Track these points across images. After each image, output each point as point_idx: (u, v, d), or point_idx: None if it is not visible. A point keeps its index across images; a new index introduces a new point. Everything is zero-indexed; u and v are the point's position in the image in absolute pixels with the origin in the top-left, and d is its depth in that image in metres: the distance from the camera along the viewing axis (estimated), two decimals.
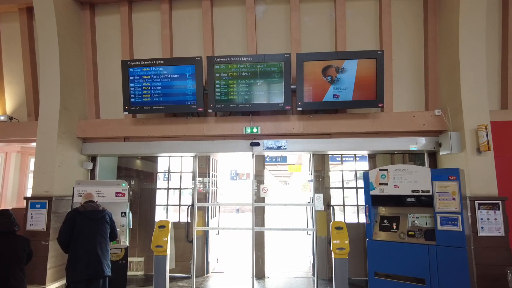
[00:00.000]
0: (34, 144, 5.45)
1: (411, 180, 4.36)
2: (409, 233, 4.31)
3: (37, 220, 4.97)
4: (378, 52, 5.02)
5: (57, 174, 5.20)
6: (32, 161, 7.60)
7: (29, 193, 6.31)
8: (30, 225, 4.95)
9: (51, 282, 4.87)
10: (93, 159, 6.02)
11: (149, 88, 5.29)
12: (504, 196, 4.42)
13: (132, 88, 5.34)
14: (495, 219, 4.33)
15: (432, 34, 5.32)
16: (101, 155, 5.96)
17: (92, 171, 5.99)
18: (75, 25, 5.74)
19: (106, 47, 6.01)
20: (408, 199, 4.37)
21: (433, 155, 5.46)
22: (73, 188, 4.90)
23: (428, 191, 4.22)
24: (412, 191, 4.33)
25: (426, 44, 5.39)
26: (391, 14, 5.40)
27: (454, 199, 4.02)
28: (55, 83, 5.32)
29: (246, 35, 5.62)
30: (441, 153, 5.07)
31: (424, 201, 4.25)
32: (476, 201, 4.40)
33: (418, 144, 5.26)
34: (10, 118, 6.00)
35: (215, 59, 5.19)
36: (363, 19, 5.56)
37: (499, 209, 4.35)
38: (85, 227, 3.82)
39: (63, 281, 4.93)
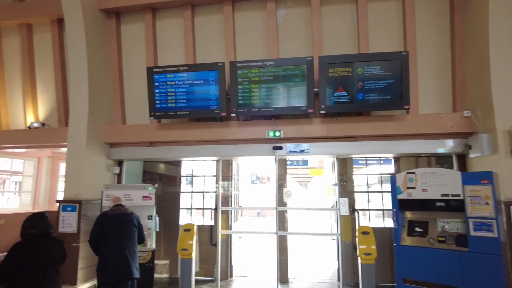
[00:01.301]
0: (64, 149, 5.67)
1: (440, 183, 4.23)
2: (439, 238, 4.18)
3: (68, 223, 5.15)
4: (403, 53, 4.92)
5: (86, 178, 5.38)
6: (62, 165, 7.92)
7: (59, 197, 6.56)
8: (62, 227, 5.14)
9: (82, 283, 5.02)
10: (120, 163, 6.19)
11: (173, 93, 5.41)
12: None
13: (157, 94, 5.47)
14: None
15: (459, 33, 5.16)
16: (128, 159, 6.13)
17: (119, 175, 6.17)
18: (102, 34, 5.95)
19: (131, 55, 6.19)
20: (437, 203, 4.24)
21: (462, 158, 5.28)
22: (102, 192, 5.06)
23: (458, 195, 4.08)
24: (442, 195, 4.20)
25: (452, 43, 5.23)
26: (415, 14, 5.28)
27: (487, 203, 3.87)
28: (84, 91, 5.52)
29: (268, 39, 5.64)
30: (471, 155, 4.89)
31: (454, 206, 4.11)
32: (511, 206, 4.21)
33: (446, 146, 5.10)
34: (43, 124, 6.27)
35: (237, 64, 5.24)
36: (385, 20, 5.46)
37: None
38: (114, 230, 3.93)
39: (93, 282, 5.09)
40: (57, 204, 5.29)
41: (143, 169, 6.78)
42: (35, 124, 6.22)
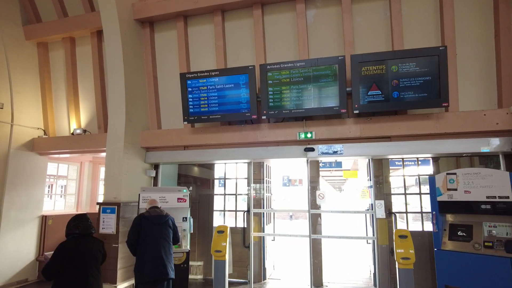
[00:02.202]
0: (103, 154, 5.96)
1: (485, 185, 3.97)
2: (486, 243, 3.91)
3: (108, 224, 5.40)
4: (440, 48, 4.69)
5: (124, 181, 5.62)
6: (102, 169, 8.33)
7: (100, 199, 6.91)
8: (102, 228, 5.39)
9: (121, 282, 5.24)
10: (156, 167, 6.41)
11: (206, 98, 5.52)
12: None
13: (190, 99, 5.61)
14: None
15: (504, 24, 4.81)
16: (163, 163, 6.33)
17: (155, 178, 6.38)
18: (137, 43, 6.22)
19: (165, 61, 6.41)
20: (482, 206, 3.98)
21: (510, 157, 4.92)
22: (139, 194, 5.25)
23: (507, 197, 3.80)
24: (487, 197, 3.94)
25: (497, 35, 4.90)
26: (454, 6, 5.02)
27: None
28: (121, 98, 5.79)
29: (298, 41, 5.61)
30: None
31: (502, 209, 3.84)
32: None
33: (491, 145, 4.78)
34: (84, 131, 6.65)
35: (268, 67, 5.26)
36: (421, 14, 5.23)
37: None
38: (150, 231, 4.06)
39: (131, 281, 5.29)
40: (98, 206, 5.56)
41: (178, 172, 6.97)
42: (78, 131, 6.61)
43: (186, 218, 5.11)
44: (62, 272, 3.28)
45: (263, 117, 5.32)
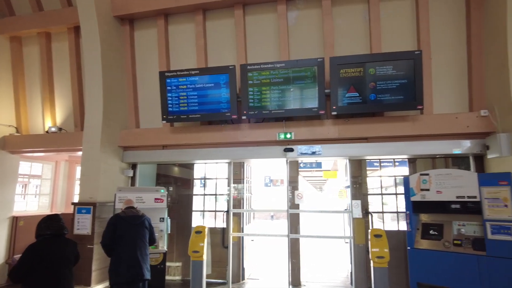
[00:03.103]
0: (80, 153, 5.81)
1: (455, 185, 4.11)
2: (455, 241, 4.05)
3: (83, 225, 5.27)
4: (416, 52, 4.83)
5: (101, 181, 5.50)
6: (78, 169, 8.11)
7: (76, 199, 6.72)
8: (77, 229, 5.25)
9: (96, 284, 5.12)
10: (134, 166, 6.30)
11: (185, 97, 5.47)
12: None
13: (169, 98, 5.55)
14: None
15: (476, 30, 5.01)
16: (141, 162, 6.23)
17: (133, 178, 6.27)
18: (116, 41, 6.10)
19: (145, 60, 6.31)
20: (453, 206, 4.12)
21: (479, 159, 5.11)
22: (115, 194, 5.14)
23: (475, 197, 3.95)
24: (457, 197, 4.08)
25: (469, 40, 5.09)
26: (429, 12, 5.18)
27: (506, 206, 3.73)
28: (98, 96, 5.66)
29: (279, 42, 5.65)
30: (489, 156, 4.73)
31: (470, 208, 3.99)
32: None
33: (462, 147, 4.96)
34: (60, 129, 6.46)
35: (248, 67, 5.27)
36: (398, 19, 5.38)
37: None
38: (125, 231, 3.98)
39: (106, 283, 5.17)
40: (73, 206, 5.41)
41: (156, 172, 6.87)
42: (53, 129, 6.41)
43: (163, 218, 5.04)
44: (32, 274, 3.17)
45: (244, 117, 5.32)
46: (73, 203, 5.49)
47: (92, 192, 5.44)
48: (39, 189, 7.67)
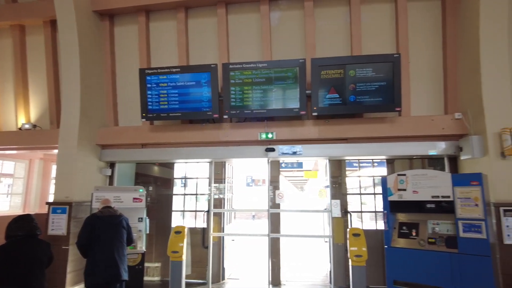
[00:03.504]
0: (56, 151, 5.63)
1: (431, 185, 4.24)
2: (430, 240, 4.17)
3: (58, 225, 5.11)
4: (395, 56, 4.95)
5: (77, 180, 5.34)
6: (54, 167, 7.85)
7: (51, 199, 6.51)
8: (52, 229, 5.09)
9: (71, 286, 4.97)
10: (112, 165, 6.16)
11: (166, 95, 5.40)
12: None
13: (149, 96, 5.46)
14: None
15: (451, 36, 5.20)
16: (120, 161, 6.09)
17: (111, 177, 6.13)
18: (95, 36, 5.93)
19: (125, 56, 6.18)
20: (428, 205, 4.24)
21: (453, 160, 5.30)
22: (92, 193, 5.01)
23: (448, 196, 4.08)
24: (432, 197, 4.21)
25: (444, 46, 5.27)
26: (408, 17, 5.32)
27: (477, 205, 3.88)
28: (76, 92, 5.50)
29: (261, 42, 5.66)
30: (462, 157, 4.91)
31: (444, 207, 4.12)
32: (501, 208, 4.22)
33: (437, 148, 5.12)
34: (34, 126, 6.23)
35: (230, 66, 5.25)
36: (378, 22, 5.50)
37: None
38: (102, 232, 3.89)
39: (82, 285, 5.01)
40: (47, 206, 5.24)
41: (136, 171, 6.74)
42: (26, 126, 6.17)
43: (142, 218, 4.95)
44: (2, 275, 3.05)
45: (225, 117, 5.30)
46: (47, 203, 5.31)
47: (68, 191, 5.28)
48: (11, 188, 7.37)
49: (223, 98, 5.27)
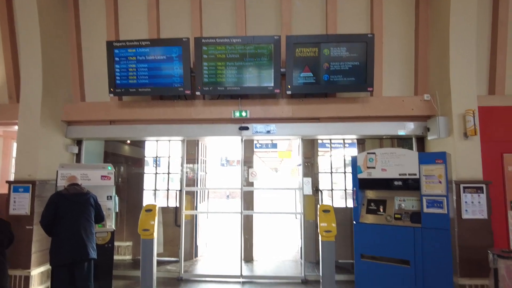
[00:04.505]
0: (17, 127, 5.29)
1: (398, 163, 4.37)
2: (396, 216, 4.35)
3: (20, 205, 4.87)
4: (369, 36, 4.97)
5: (41, 158, 5.08)
6: (15, 145, 7.41)
7: (12, 178, 6.16)
8: (13, 209, 4.85)
9: (36, 267, 4.81)
10: (79, 143, 5.89)
11: (134, 69, 5.16)
12: (488, 180, 4.49)
13: (117, 70, 5.20)
14: (479, 202, 4.39)
15: (423, 19, 5.27)
16: (87, 138, 5.84)
17: (78, 155, 5.88)
18: (57, 6, 5.50)
19: (91, 28, 5.80)
20: (395, 183, 4.38)
21: (421, 140, 5.49)
22: (57, 171, 4.80)
23: (415, 174, 4.24)
24: (400, 175, 4.35)
25: (417, 29, 5.34)
26: None
27: (440, 182, 4.05)
28: (37, 65, 5.13)
29: (236, 17, 5.49)
30: (429, 137, 5.09)
31: (411, 185, 4.28)
32: (461, 185, 4.45)
33: (406, 129, 5.27)
34: None
35: (203, 40, 5.07)
36: (354, 2, 5.46)
37: (483, 193, 4.41)
38: (68, 210, 3.76)
39: (48, 265, 4.87)
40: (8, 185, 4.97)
41: (105, 150, 6.51)
42: None
43: (111, 196, 4.81)
44: None
45: (198, 93, 5.16)
46: (8, 182, 5.03)
47: (31, 169, 5.01)
48: None
49: (195, 74, 5.12)
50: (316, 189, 5.83)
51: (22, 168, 5.03)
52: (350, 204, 5.77)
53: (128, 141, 6.82)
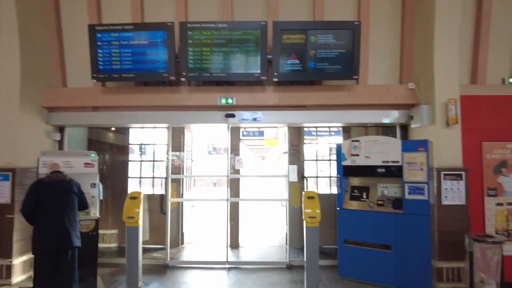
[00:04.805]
0: None
1: (382, 151, 4.45)
2: (378, 202, 4.45)
3: (0, 193, 4.76)
4: (355, 23, 4.96)
5: (21, 145, 4.95)
6: None
7: None
8: None
9: (18, 256, 4.75)
10: (61, 130, 5.76)
11: (118, 54, 5.03)
12: (467, 168, 4.61)
13: (100, 55, 5.05)
14: (458, 189, 4.52)
15: (409, 8, 5.28)
16: (69, 125, 5.71)
17: (61, 143, 5.75)
18: None
19: (72, 11, 5.59)
20: (379, 170, 4.48)
21: (404, 128, 5.57)
22: (38, 158, 4.68)
23: (398, 162, 4.33)
24: (383, 162, 4.44)
25: (403, 17, 5.36)
26: None
27: (422, 169, 4.16)
28: (14, 50, 4.93)
29: (222, 1, 5.38)
30: (412, 126, 5.17)
31: (394, 172, 4.37)
32: (442, 172, 4.56)
33: (390, 117, 5.34)
34: None
35: (188, 25, 4.97)
36: None
37: (462, 179, 4.53)
38: (50, 198, 3.69)
39: (30, 254, 4.80)
40: None
41: (88, 137, 6.38)
42: None
43: (94, 184, 4.74)
44: None
45: (183, 79, 5.08)
46: None
47: (11, 157, 4.88)
48: None
49: (181, 60, 5.03)
50: (302, 176, 5.89)
51: (1, 156, 4.89)
52: (335, 191, 5.88)
53: (113, 128, 6.71)
